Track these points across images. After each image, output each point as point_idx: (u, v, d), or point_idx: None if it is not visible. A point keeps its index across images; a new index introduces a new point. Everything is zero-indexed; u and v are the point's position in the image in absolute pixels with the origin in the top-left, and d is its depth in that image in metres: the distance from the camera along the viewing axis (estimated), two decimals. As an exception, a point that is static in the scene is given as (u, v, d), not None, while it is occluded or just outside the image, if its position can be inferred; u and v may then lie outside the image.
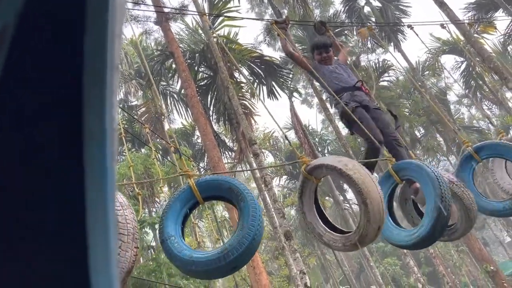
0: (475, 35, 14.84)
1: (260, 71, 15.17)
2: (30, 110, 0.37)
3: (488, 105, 26.13)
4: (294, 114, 17.01)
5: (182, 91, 14.78)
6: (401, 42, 19.99)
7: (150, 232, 12.87)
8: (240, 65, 14.22)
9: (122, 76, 18.35)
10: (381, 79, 21.22)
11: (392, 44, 19.87)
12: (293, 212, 25.60)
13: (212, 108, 14.59)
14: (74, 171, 0.36)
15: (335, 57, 4.51)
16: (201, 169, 16.95)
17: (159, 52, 16.02)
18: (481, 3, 19.69)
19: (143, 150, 16.36)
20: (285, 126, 26.09)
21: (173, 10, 12.79)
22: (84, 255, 0.35)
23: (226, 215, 17.51)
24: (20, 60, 0.36)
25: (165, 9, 12.73)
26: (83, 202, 0.35)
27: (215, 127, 15.48)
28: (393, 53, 19.97)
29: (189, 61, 14.48)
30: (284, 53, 4.59)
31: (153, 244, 13.82)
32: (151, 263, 10.30)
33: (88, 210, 0.35)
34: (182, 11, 13.34)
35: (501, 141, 4.36)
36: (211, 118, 14.44)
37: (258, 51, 15.59)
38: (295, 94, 17.61)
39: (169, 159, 15.07)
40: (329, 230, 3.28)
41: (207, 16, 10.04)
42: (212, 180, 2.94)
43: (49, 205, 0.36)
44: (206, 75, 15.14)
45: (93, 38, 0.34)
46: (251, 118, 14.33)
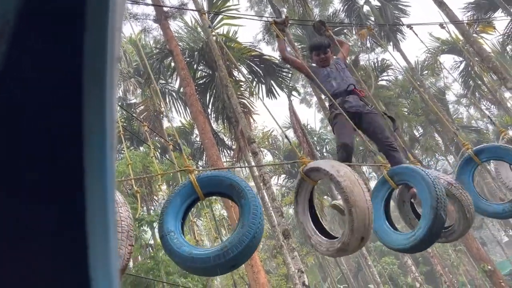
0: (474, 35, 14.86)
1: (259, 70, 15.16)
2: (30, 105, 0.37)
3: (487, 105, 26.18)
4: (293, 113, 17.00)
5: (181, 90, 14.75)
6: (400, 42, 20.01)
7: (148, 230, 12.86)
8: (239, 64, 14.21)
9: (121, 74, 18.32)
10: (380, 78, 21.22)
11: (391, 43, 19.88)
12: (291, 211, 25.59)
13: (211, 106, 14.58)
14: (73, 166, 0.35)
15: (334, 56, 4.50)
16: (200, 168, 16.93)
17: (158, 50, 16.00)
18: (481, 3, 19.71)
19: (141, 148, 16.35)
20: (284, 125, 26.11)
21: (172, 8, 12.77)
22: (84, 252, 0.34)
23: (225, 213, 17.51)
24: (20, 55, 0.35)
25: (164, 7, 12.71)
26: (83, 198, 0.35)
27: (214, 125, 15.47)
28: (392, 52, 20.02)
29: (188, 59, 14.46)
30: (281, 56, 4.57)
31: (151, 242, 13.82)
32: (149, 261, 10.31)
33: (88, 206, 0.35)
34: (181, 9, 13.32)
35: (502, 144, 4.37)
36: (210, 116, 14.43)
37: (257, 50, 15.59)
38: (294, 93, 17.62)
39: (167, 157, 15.06)
40: (318, 233, 3.29)
41: (206, 14, 10.03)
42: (213, 176, 2.90)
43: (49, 201, 0.36)
44: (205, 74, 15.12)
45: (93, 31, 0.33)
46: (250, 116, 14.32)
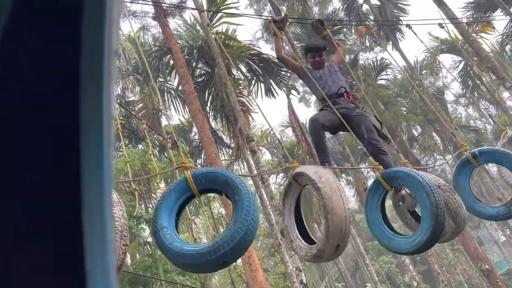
0: (473, 34, 14.87)
1: (258, 69, 15.13)
2: (27, 99, 0.36)
3: (485, 104, 26.22)
4: (292, 112, 17.01)
5: (180, 88, 14.73)
6: (399, 41, 20.00)
7: (147, 228, 12.86)
8: (238, 62, 14.18)
9: (120, 71, 18.27)
10: (379, 77, 21.21)
11: (391, 42, 19.87)
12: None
13: (209, 104, 14.56)
14: (71, 162, 0.35)
15: (331, 55, 4.55)
16: (198, 166, 16.92)
17: (156, 48, 15.96)
18: (480, 2, 19.70)
19: (140, 146, 16.33)
20: (283, 123, 26.10)
21: (171, 5, 12.73)
22: (80, 244, 0.34)
23: (223, 211, 17.50)
24: (19, 53, 0.35)
25: (163, 4, 12.67)
26: (80, 194, 0.35)
27: (213, 123, 15.46)
28: (391, 51, 20.01)
29: (187, 57, 14.42)
30: (276, 55, 4.59)
31: (149, 240, 13.81)
32: (147, 259, 10.30)
33: (85, 201, 0.35)
34: (180, 7, 13.29)
35: (499, 148, 4.41)
36: (208, 114, 14.41)
37: (256, 48, 15.56)
38: (293, 92, 17.60)
39: (166, 155, 15.05)
40: (300, 237, 3.31)
41: (206, 12, 10.01)
42: (208, 172, 2.88)
43: (46, 195, 0.35)
44: (204, 72, 15.10)
45: (91, 23, 0.33)
46: (249, 115, 14.31)
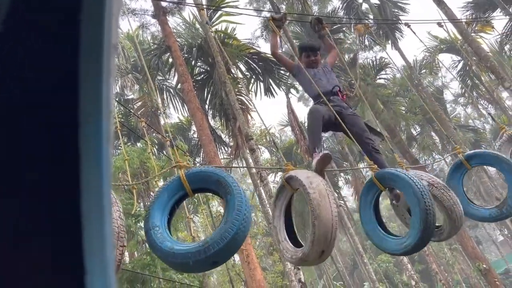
0: (473, 34, 14.88)
1: (257, 68, 15.12)
2: (26, 98, 0.36)
3: (484, 104, 26.25)
4: (291, 111, 17.00)
5: (179, 86, 14.72)
6: (398, 40, 20.00)
7: (145, 226, 12.82)
8: (237, 61, 14.17)
9: (119, 69, 18.25)
10: (378, 76, 21.22)
11: (390, 41, 19.87)
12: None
13: (208, 103, 14.55)
14: (70, 159, 0.35)
15: (322, 60, 4.61)
16: (197, 164, 16.92)
17: (156, 46, 15.93)
18: (480, 2, 19.71)
19: (138, 144, 16.32)
20: (282, 122, 26.11)
21: (171, 2, 12.70)
22: (79, 243, 0.34)
23: (222, 210, 17.52)
24: (14, 46, 0.35)
25: (163, 2, 12.65)
26: (78, 190, 0.35)
27: (212, 122, 15.45)
28: (391, 51, 20.02)
29: (186, 55, 14.41)
30: (271, 50, 4.63)
31: (147, 238, 13.77)
32: (145, 257, 10.29)
33: (84, 196, 0.35)
34: (180, 4, 13.26)
35: (491, 151, 4.45)
36: (207, 113, 14.41)
37: (255, 47, 15.55)
38: (292, 91, 17.58)
39: (165, 153, 15.04)
40: (288, 240, 3.34)
41: (205, 10, 9.99)
42: (201, 171, 2.87)
43: (44, 194, 0.35)
44: (203, 70, 15.08)
45: (90, 17, 0.33)
46: (248, 114, 14.31)
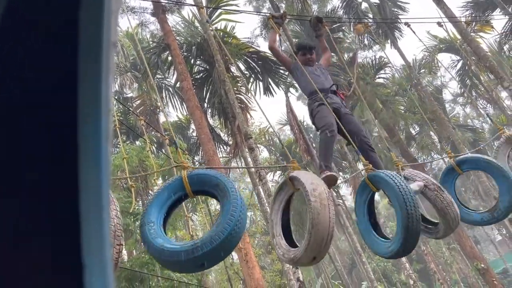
0: (472, 33, 14.89)
1: (256, 67, 15.12)
2: (26, 98, 0.36)
3: (483, 104, 26.28)
4: (290, 110, 17.00)
5: (178, 84, 14.71)
6: (398, 39, 20.00)
7: (144, 224, 12.82)
8: (236, 60, 14.16)
9: (118, 68, 18.23)
10: (377, 76, 21.22)
11: (389, 41, 19.87)
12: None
13: (207, 101, 14.55)
14: (69, 159, 0.35)
15: (316, 61, 4.66)
16: (196, 163, 16.92)
17: (155, 44, 15.91)
18: (479, 1, 19.72)
19: (137, 142, 16.31)
20: (281, 121, 26.10)
21: (170, 1, 12.68)
22: (78, 242, 0.34)
23: (220, 209, 17.49)
24: (14, 47, 0.35)
25: (162, 0, 12.62)
26: (77, 189, 0.35)
27: (211, 121, 15.44)
28: (390, 50, 20.02)
29: (186, 53, 14.39)
30: (268, 45, 4.67)
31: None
32: (144, 256, 10.29)
33: (82, 194, 0.35)
34: (179, 3, 13.24)
35: (482, 156, 4.47)
36: (206, 111, 14.40)
37: (255, 46, 15.55)
38: (291, 89, 17.57)
39: (163, 151, 15.04)
40: (282, 236, 3.35)
41: (205, 8, 9.97)
42: (203, 174, 2.86)
43: (44, 194, 0.35)
44: (202, 68, 15.07)
45: (89, 14, 0.33)
46: (247, 112, 14.31)
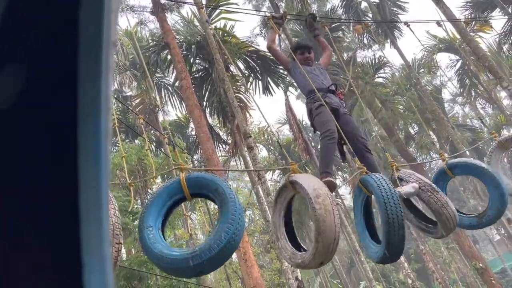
0: (471, 33, 14.89)
1: (256, 66, 15.10)
2: (26, 98, 0.36)
3: (482, 103, 26.30)
4: (289, 109, 16.99)
5: (177, 83, 14.69)
6: (397, 39, 20.00)
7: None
8: (236, 59, 14.14)
9: (117, 66, 18.20)
10: (376, 75, 21.22)
11: (389, 40, 19.87)
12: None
13: (207, 100, 14.53)
14: (69, 159, 0.35)
15: (315, 61, 4.70)
16: (195, 161, 16.91)
17: (154, 42, 15.89)
18: (479, 1, 19.73)
19: (136, 141, 16.30)
20: (280, 120, 26.10)
21: (170, 0, 12.66)
22: (78, 242, 0.34)
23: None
24: (14, 47, 0.35)
25: (161, -1, 12.61)
26: (77, 189, 0.35)
27: (210, 119, 15.42)
28: (390, 49, 20.03)
29: (185, 52, 14.37)
30: (267, 44, 4.67)
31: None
32: (142, 254, 10.29)
33: (82, 193, 0.35)
34: (179, 1, 13.22)
35: (472, 161, 4.46)
36: (205, 110, 14.38)
37: (254, 46, 15.52)
38: (290, 89, 17.56)
39: (162, 150, 15.03)
40: (286, 238, 3.32)
41: (205, 7, 9.96)
42: (202, 177, 2.84)
43: (44, 194, 0.35)
44: (202, 67, 15.05)
45: (89, 14, 0.33)
46: (246, 111, 14.29)
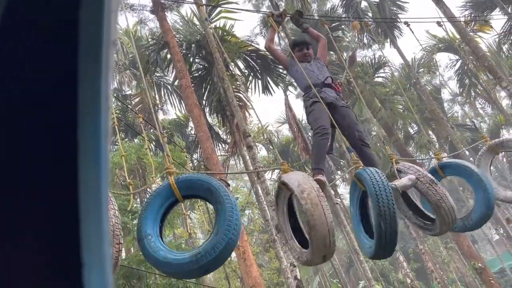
0: (471, 33, 14.89)
1: (255, 65, 15.09)
2: (26, 98, 0.36)
3: (482, 103, 26.31)
4: (288, 109, 17.00)
5: (176, 82, 14.67)
6: (397, 38, 19.99)
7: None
8: (235, 58, 14.13)
9: (117, 65, 18.19)
10: (376, 75, 21.21)
11: (389, 40, 19.86)
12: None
13: (206, 99, 14.51)
14: (69, 159, 0.35)
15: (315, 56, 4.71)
16: (194, 161, 16.91)
17: (154, 41, 15.86)
18: (478, 1, 19.73)
19: (136, 140, 16.29)
20: (279, 120, 26.11)
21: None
22: (77, 242, 0.34)
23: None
24: (14, 47, 0.35)
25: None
26: (77, 189, 0.35)
27: (209, 119, 15.41)
28: (389, 49, 20.02)
29: (185, 51, 14.36)
30: (265, 44, 4.72)
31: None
32: (141, 253, 10.30)
33: (82, 192, 0.35)
34: (178, 1, 13.20)
35: (462, 162, 4.45)
36: (205, 109, 14.37)
37: (254, 45, 15.50)
38: (290, 88, 17.56)
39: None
40: (294, 238, 3.32)
41: (204, 6, 9.95)
42: (191, 179, 2.91)
43: (44, 194, 0.35)
44: (201, 66, 15.03)
45: (89, 13, 0.33)
46: (246, 110, 14.28)
